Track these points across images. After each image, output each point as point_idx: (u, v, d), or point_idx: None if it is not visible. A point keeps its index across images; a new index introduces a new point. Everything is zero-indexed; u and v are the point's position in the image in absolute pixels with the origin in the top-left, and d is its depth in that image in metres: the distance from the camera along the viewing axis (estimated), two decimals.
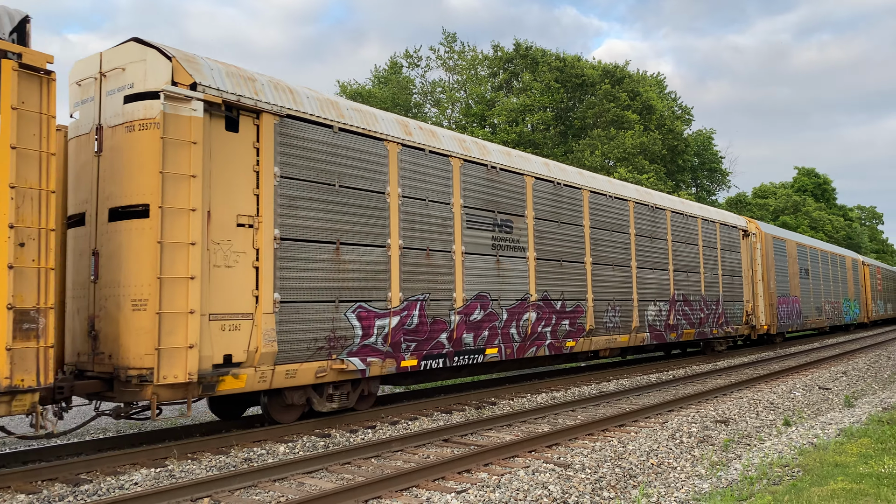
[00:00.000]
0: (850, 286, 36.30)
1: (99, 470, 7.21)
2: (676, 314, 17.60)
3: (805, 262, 27.84)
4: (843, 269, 35.00)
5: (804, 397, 12.20)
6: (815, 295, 28.96)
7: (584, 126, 37.84)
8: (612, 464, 7.17)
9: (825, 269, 31.19)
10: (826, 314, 30.21)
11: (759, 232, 23.07)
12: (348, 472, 7.08)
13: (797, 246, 27.11)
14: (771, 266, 23.36)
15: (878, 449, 7.69)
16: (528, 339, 12.49)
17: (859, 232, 73.12)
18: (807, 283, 27.85)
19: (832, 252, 33.43)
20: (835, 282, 32.75)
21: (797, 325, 25.84)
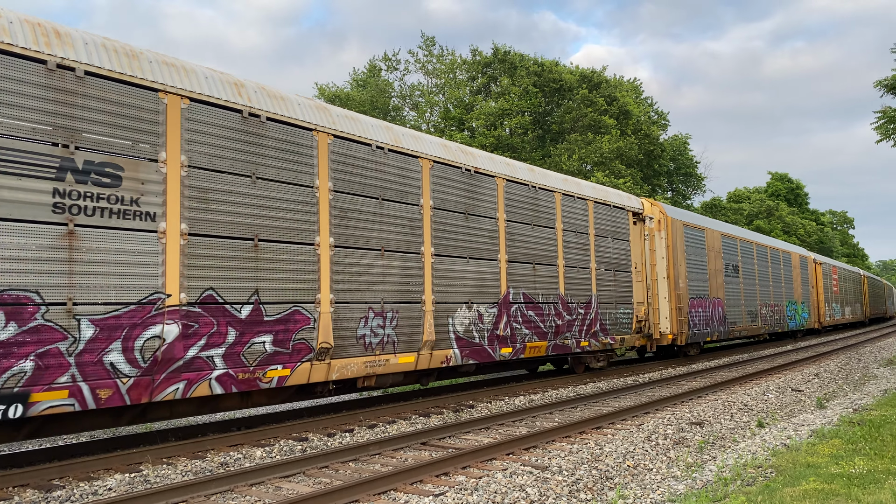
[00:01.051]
0: (797, 287, 31.83)
1: (72, 475, 7.10)
2: (512, 321, 12.75)
3: (734, 258, 23.67)
4: (788, 267, 30.60)
5: (777, 399, 12.37)
6: (749, 297, 24.70)
7: (561, 130, 38.09)
8: (588, 466, 7.22)
9: (763, 267, 26.89)
10: (764, 319, 26.10)
11: (664, 217, 18.66)
12: (326, 476, 7.06)
13: (722, 237, 22.81)
14: (680, 260, 19.10)
15: (849, 450, 7.83)
16: (158, 372, 7.46)
17: (831, 236, 74.37)
18: (736, 282, 23.49)
19: (773, 247, 29.09)
20: (776, 282, 28.53)
21: (720, 333, 21.46)
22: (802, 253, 34.75)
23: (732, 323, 22.69)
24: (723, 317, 21.88)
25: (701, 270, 20.57)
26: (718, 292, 21.65)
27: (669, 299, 18.36)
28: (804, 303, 32.62)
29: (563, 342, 14.12)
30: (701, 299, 20.22)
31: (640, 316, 17.13)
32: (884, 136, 19.42)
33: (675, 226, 19.08)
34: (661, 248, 18.47)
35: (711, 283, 21.25)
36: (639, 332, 17.19)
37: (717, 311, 21.40)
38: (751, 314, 24.76)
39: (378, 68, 39.18)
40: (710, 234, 21.73)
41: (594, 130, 36.85)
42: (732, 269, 23.20)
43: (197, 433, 9.37)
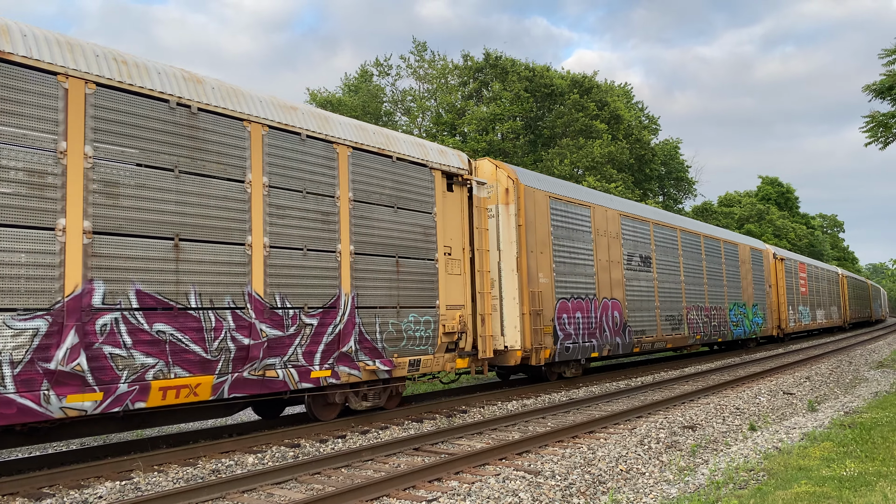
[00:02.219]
0: (747, 286, 26.24)
1: (62, 483, 7.05)
2: (104, 343, 7.20)
3: (643, 246, 18.50)
4: (733, 261, 25.11)
5: (769, 402, 12.41)
6: (669, 298, 19.45)
7: (553, 135, 38.20)
8: (581, 470, 7.22)
9: (694, 260, 21.66)
10: (693, 326, 20.77)
11: (515, 186, 13.67)
12: (318, 483, 7.03)
13: (623, 218, 17.56)
14: (542, 247, 14.14)
15: (840, 452, 7.86)
16: None
17: (821, 240, 74.77)
18: (647, 278, 18.36)
19: (710, 235, 23.47)
20: (715, 279, 23.09)
21: (616, 346, 16.33)
22: (755, 245, 28.86)
23: (638, 333, 17.45)
24: (621, 324, 16.65)
25: (582, 261, 15.52)
26: (614, 292, 16.58)
27: (521, 301, 13.27)
28: (757, 305, 27.11)
29: (260, 374, 8.58)
30: (581, 301, 15.11)
31: (452, 326, 11.27)
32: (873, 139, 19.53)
33: (535, 199, 14.19)
34: (507, 229, 13.60)
35: (601, 278, 16.15)
36: (451, 350, 11.47)
37: (609, 316, 16.12)
38: (672, 320, 19.43)
39: (370, 73, 39.19)
40: (601, 212, 16.54)
41: (585, 135, 36.97)
42: (641, 260, 18.08)
43: (188, 440, 9.33)
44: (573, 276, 15.28)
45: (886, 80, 18.65)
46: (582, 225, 15.96)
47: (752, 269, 27.54)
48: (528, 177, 14.58)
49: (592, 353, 15.43)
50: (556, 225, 14.92)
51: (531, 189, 14.24)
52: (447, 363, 11.49)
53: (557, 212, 15.06)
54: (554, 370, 15.21)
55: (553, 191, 15.18)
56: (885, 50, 18.37)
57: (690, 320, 20.86)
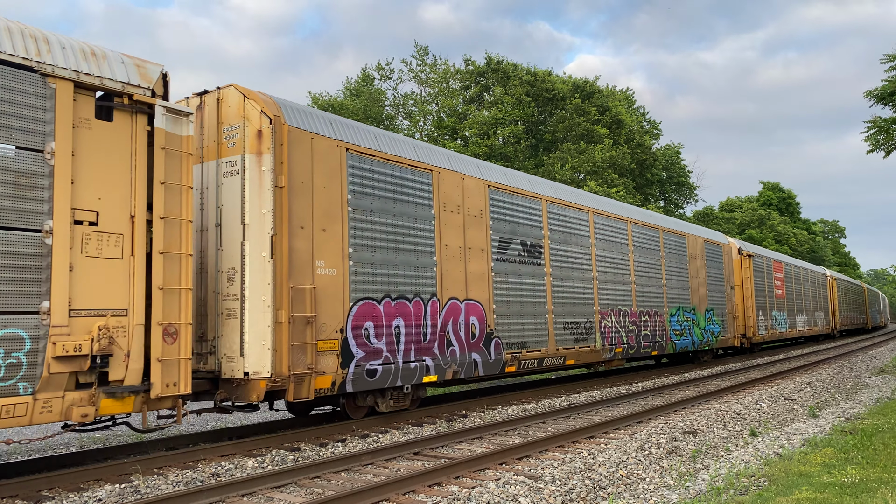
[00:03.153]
0: (698, 287, 21.46)
1: (61, 486, 7.04)
2: None
3: (531, 230, 14.04)
4: (678, 255, 20.39)
5: (770, 408, 12.39)
6: (571, 299, 14.97)
7: (554, 140, 38.23)
8: (582, 475, 7.20)
9: (618, 253, 17.24)
10: (611, 337, 16.27)
11: (272, 124, 9.17)
12: (318, 487, 7.02)
13: (491, 191, 13.02)
14: (329, 220, 9.78)
15: (841, 459, 7.84)
16: None
17: (823, 245, 74.77)
18: (532, 273, 13.79)
19: (640, 222, 18.67)
20: (651, 277, 18.65)
21: (470, 365, 11.89)
22: (712, 237, 23.83)
23: (514, 345, 12.93)
24: (481, 335, 12.19)
25: (409, 245, 10.96)
26: (473, 290, 12.14)
27: (274, 303, 8.88)
28: (713, 310, 22.24)
29: None
30: (405, 302, 10.73)
31: (78, 344, 6.79)
32: (874, 146, 19.51)
33: (315, 149, 9.65)
34: (258, 193, 9.03)
35: (447, 271, 11.65)
36: (85, 386, 6.96)
37: (460, 324, 11.74)
38: (575, 329, 14.94)
39: (371, 77, 39.25)
40: (451, 180, 12.00)
41: (587, 140, 37.01)
42: (524, 249, 13.63)
43: (188, 443, 9.31)
44: (390, 267, 10.52)
45: (888, 85, 18.66)
46: (414, 195, 11.18)
47: (707, 266, 22.49)
48: (305, 115, 9.80)
49: (425, 376, 10.90)
50: (357, 191, 10.14)
51: (306, 134, 9.53)
52: (72, 408, 6.77)
53: (363, 172, 10.31)
54: (360, 403, 10.48)
55: (353, 140, 10.30)
56: (887, 55, 18.39)
57: (606, 329, 16.01)
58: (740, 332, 25.08)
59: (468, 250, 12.29)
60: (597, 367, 16.86)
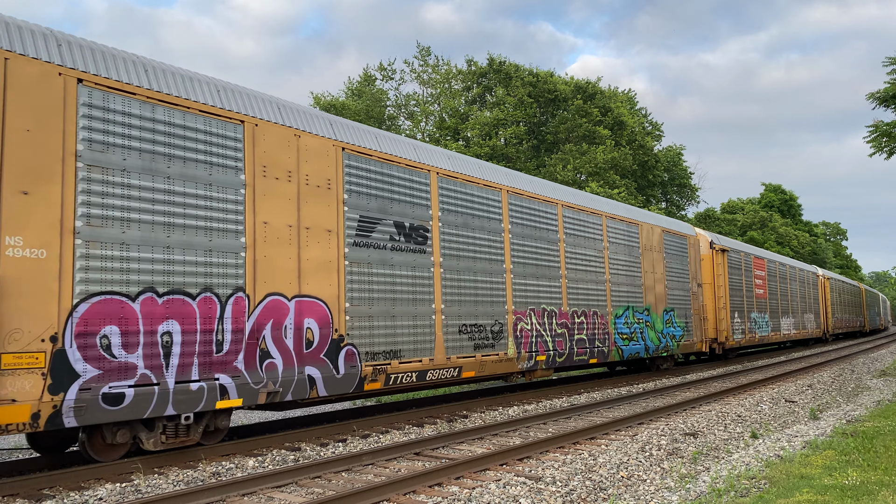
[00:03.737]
0: (655, 283, 18.58)
1: (62, 485, 7.05)
2: None
3: (411, 210, 11.22)
4: (628, 245, 17.54)
5: (771, 410, 12.38)
6: (471, 295, 12.23)
7: (556, 140, 38.24)
8: (582, 476, 7.20)
9: (538, 240, 14.19)
10: (529, 342, 13.40)
11: None
12: (318, 486, 7.02)
13: (347, 156, 10.22)
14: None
15: (842, 461, 7.83)
16: None
17: (824, 247, 74.72)
18: (412, 262, 11.09)
19: (574, 206, 15.67)
20: (588, 270, 15.77)
21: (302, 382, 9.02)
22: (674, 228, 20.51)
23: (377, 355, 10.21)
24: (321, 342, 9.42)
25: (201, 220, 8.22)
26: (311, 282, 9.37)
27: None
28: (674, 311, 19.48)
29: None
30: (186, 300, 7.98)
31: None
32: (876, 149, 19.48)
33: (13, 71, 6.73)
34: None
35: (266, 256, 8.86)
36: None
37: (286, 329, 8.95)
38: (477, 332, 12.19)
39: (373, 77, 39.28)
40: (275, 135, 9.12)
41: (589, 141, 37.01)
42: (401, 233, 10.87)
43: None
44: (159, 250, 7.76)
45: (890, 88, 18.64)
46: (209, 152, 8.37)
47: (667, 260, 19.51)
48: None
49: (221, 400, 8.10)
50: (97, 139, 7.32)
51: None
52: None
53: (110, 114, 7.45)
54: (111, 441, 7.57)
55: (92, 67, 7.40)
56: (890, 58, 18.36)
57: (523, 332, 13.25)
58: (710, 336, 22.22)
59: (305, 231, 9.27)
60: (513, 380, 13.41)
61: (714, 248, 23.09)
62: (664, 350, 18.78)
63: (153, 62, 8.15)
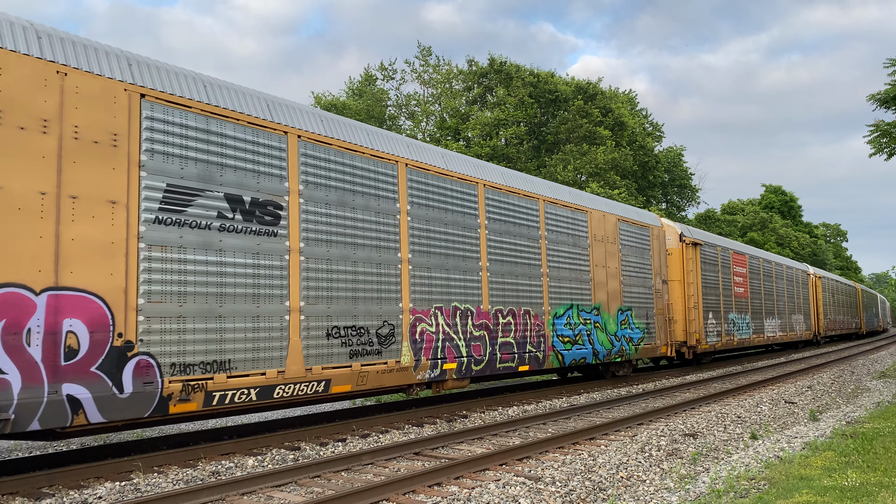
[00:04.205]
0: (609, 279, 16.39)
1: (61, 484, 7.05)
2: None
3: (260, 181, 8.84)
4: (572, 234, 15.21)
5: (771, 411, 12.38)
6: (346, 288, 9.84)
7: (556, 141, 38.24)
8: (582, 477, 7.20)
9: (448, 224, 11.91)
10: (432, 346, 11.17)
11: None
12: (318, 486, 7.02)
13: (145, 102, 7.76)
14: None
15: (842, 462, 7.83)
16: None
17: (825, 249, 74.69)
18: (257, 248, 8.74)
19: (497, 186, 13.25)
20: (517, 260, 13.41)
21: (25, 409, 6.35)
22: (634, 217, 18.26)
23: (192, 367, 7.83)
24: (93, 351, 6.99)
25: None
26: (82, 271, 7.01)
27: None
28: (631, 310, 17.25)
29: None
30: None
31: None
32: (877, 150, 19.49)
33: None
34: None
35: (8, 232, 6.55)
36: None
37: (29, 334, 6.51)
38: (356, 336, 9.95)
39: (374, 77, 39.28)
40: (17, 70, 6.70)
41: (589, 141, 37.01)
42: (237, 209, 8.57)
43: (188, 441, 9.32)
44: None
45: (891, 89, 18.65)
46: None
47: (624, 254, 17.28)
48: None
49: None
50: None
51: None
52: None
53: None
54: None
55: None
56: (891, 59, 18.36)
57: (425, 336, 11.04)
58: (678, 339, 19.99)
59: (70, 201, 6.97)
60: (414, 393, 11.08)
61: (685, 242, 20.70)
62: (618, 354, 16.41)
63: None
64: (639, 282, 17.87)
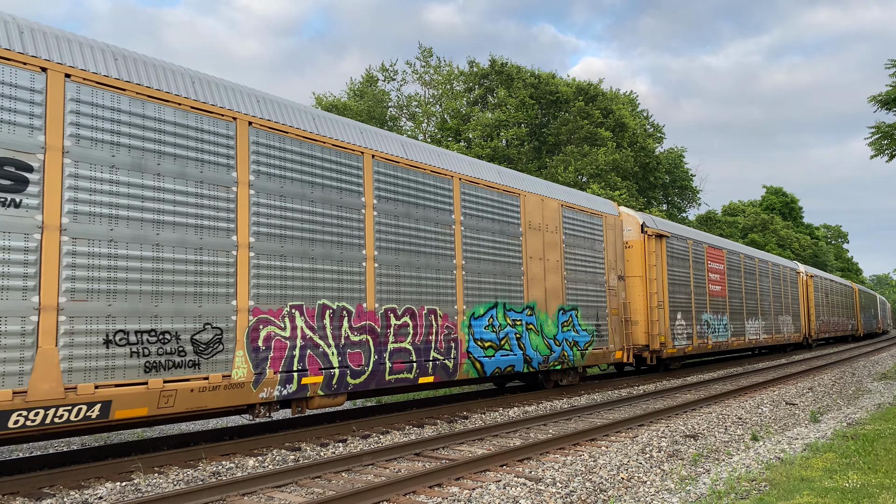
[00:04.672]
0: (549, 273, 14.19)
1: (62, 484, 7.05)
2: None
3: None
4: (497, 220, 12.93)
5: (771, 412, 12.37)
6: (143, 281, 7.56)
7: (557, 142, 38.24)
8: (582, 478, 7.20)
9: (336, 206, 9.90)
10: (288, 359, 8.92)
11: None
12: (318, 487, 7.02)
13: None
14: None
15: (842, 464, 7.82)
16: None
17: (826, 250, 74.65)
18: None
19: (391, 159, 10.89)
20: (420, 250, 11.20)
21: None
22: (580, 203, 15.81)
23: None
24: None
25: None
26: None
27: None
28: (575, 310, 14.90)
29: None
30: None
31: None
32: (878, 151, 19.51)
33: None
34: None
35: None
36: None
37: None
38: (156, 344, 7.64)
39: (375, 78, 39.30)
40: None
41: (590, 142, 37.00)
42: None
43: (189, 442, 9.32)
44: None
45: (892, 90, 18.66)
46: None
47: (569, 244, 14.89)
48: None
49: None
50: None
51: None
52: None
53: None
54: None
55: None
56: (892, 61, 18.38)
57: (275, 343, 8.88)
58: (639, 343, 17.80)
59: None
60: (261, 415, 8.79)
61: (647, 233, 18.28)
62: (559, 362, 14.15)
63: None
64: (588, 277, 15.57)
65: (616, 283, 16.62)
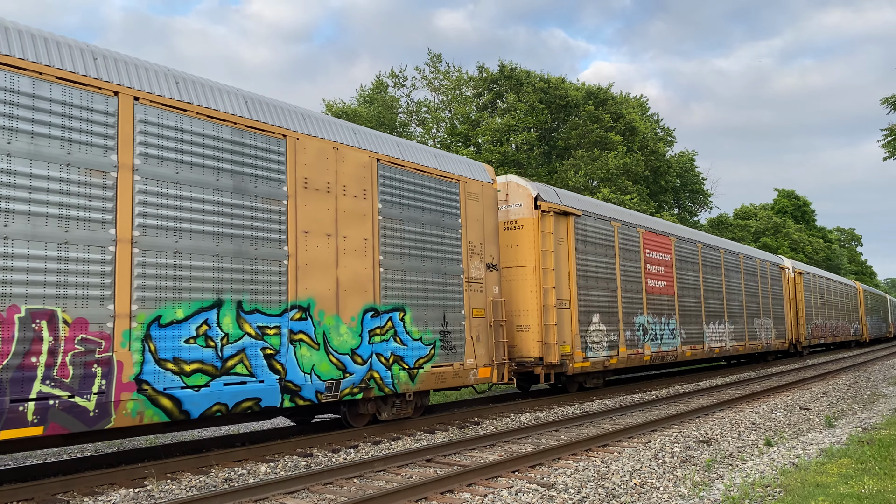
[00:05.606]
0: (341, 256, 9.65)
1: (76, 490, 7.09)
2: None
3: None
4: (246, 175, 8.67)
5: (785, 417, 12.27)
6: None
7: (567, 146, 38.20)
8: (595, 484, 7.16)
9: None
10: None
11: None
12: (330, 493, 7.02)
13: None
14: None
15: (858, 469, 7.75)
16: None
17: (839, 253, 74.10)
18: None
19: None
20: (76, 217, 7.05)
21: None
22: (410, 159, 11.17)
23: None
24: None
25: None
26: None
27: None
28: (402, 310, 10.59)
29: None
30: None
31: None
32: (891, 153, 19.38)
33: None
34: None
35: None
36: None
37: None
38: None
39: (385, 84, 39.42)
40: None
41: (600, 147, 36.94)
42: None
43: (201, 448, 9.35)
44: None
45: None
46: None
47: (385, 216, 10.54)
48: None
49: None
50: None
51: None
52: None
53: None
54: None
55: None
56: None
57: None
58: (528, 355, 13.72)
59: None
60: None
61: (541, 209, 14.04)
62: (362, 387, 9.79)
63: None
64: (428, 265, 11.21)
65: (483, 274, 12.33)
